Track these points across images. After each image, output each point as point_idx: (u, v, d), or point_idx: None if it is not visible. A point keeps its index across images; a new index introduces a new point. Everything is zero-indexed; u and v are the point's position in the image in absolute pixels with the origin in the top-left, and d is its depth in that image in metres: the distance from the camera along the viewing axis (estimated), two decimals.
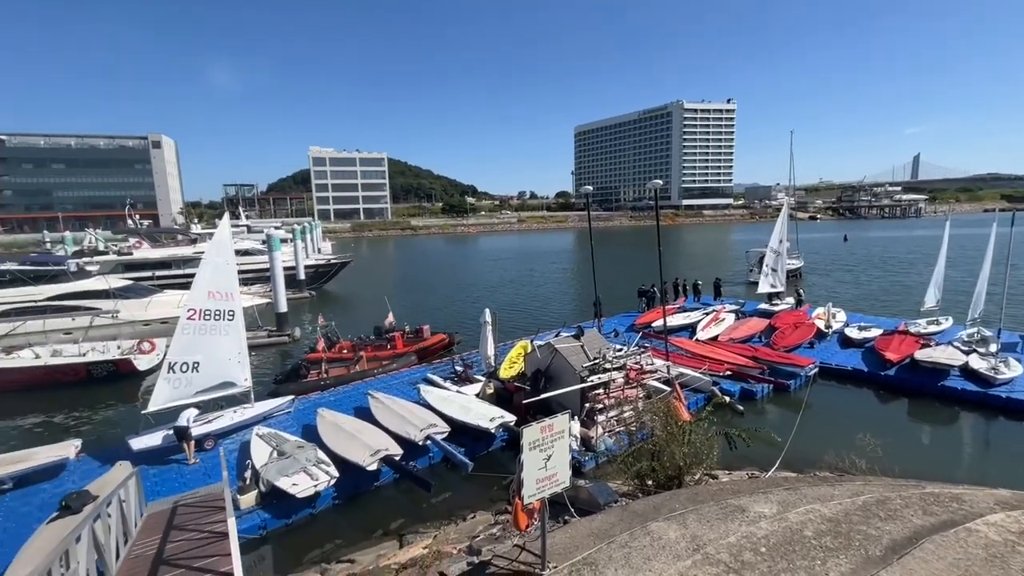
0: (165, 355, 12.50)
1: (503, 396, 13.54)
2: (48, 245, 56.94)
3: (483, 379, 14.58)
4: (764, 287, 22.59)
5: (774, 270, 22.66)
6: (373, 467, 9.77)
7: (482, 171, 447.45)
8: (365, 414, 12.47)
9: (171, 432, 10.88)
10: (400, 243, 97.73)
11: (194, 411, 10.89)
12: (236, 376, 12.92)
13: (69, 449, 10.86)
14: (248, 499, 9.22)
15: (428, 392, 13.45)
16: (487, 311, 15.33)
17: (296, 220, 79.38)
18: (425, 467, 10.74)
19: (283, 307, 22.44)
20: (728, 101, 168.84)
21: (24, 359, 16.93)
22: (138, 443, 10.99)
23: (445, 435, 11.07)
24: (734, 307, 22.61)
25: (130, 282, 23.99)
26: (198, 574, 5.79)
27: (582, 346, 12.41)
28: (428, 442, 10.88)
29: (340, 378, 15.95)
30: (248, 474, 9.62)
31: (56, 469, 10.57)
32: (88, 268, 27.86)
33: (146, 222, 65.80)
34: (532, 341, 16.00)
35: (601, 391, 11.63)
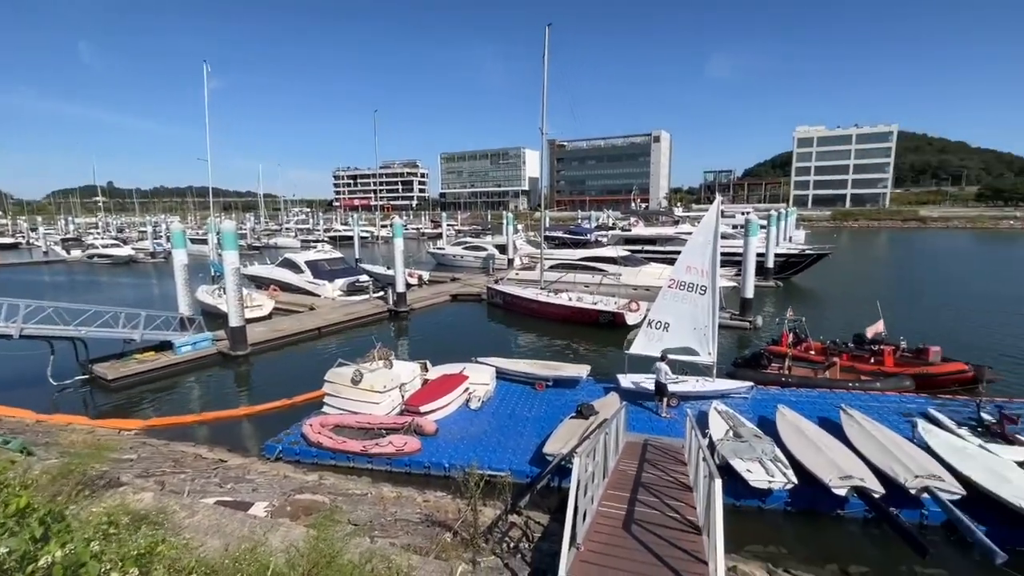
0: (646, 314, 14.94)
1: None
2: (580, 220, 78.02)
3: None
4: None
5: None
6: (841, 492, 8.46)
7: None
8: (833, 429, 10.92)
9: (650, 381, 12.96)
10: (897, 237, 77.93)
11: (665, 366, 12.51)
12: (699, 346, 14.00)
13: (583, 370, 14.72)
14: None
15: (930, 432, 10.34)
16: None
17: (768, 206, 76.56)
18: (913, 522, 8.42)
19: (749, 293, 22.29)
20: None
21: (562, 300, 24.02)
22: (624, 380, 13.76)
23: (955, 498, 8.25)
24: None
25: (628, 253, 29.76)
26: (668, 509, 6.67)
27: None
28: (924, 495, 8.42)
29: (805, 380, 14.52)
30: (705, 443, 10.26)
31: (574, 382, 14.59)
32: (601, 239, 36.45)
33: (644, 205, 79.23)
34: None
35: None
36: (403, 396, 12.84)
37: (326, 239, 61.52)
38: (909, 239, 74.54)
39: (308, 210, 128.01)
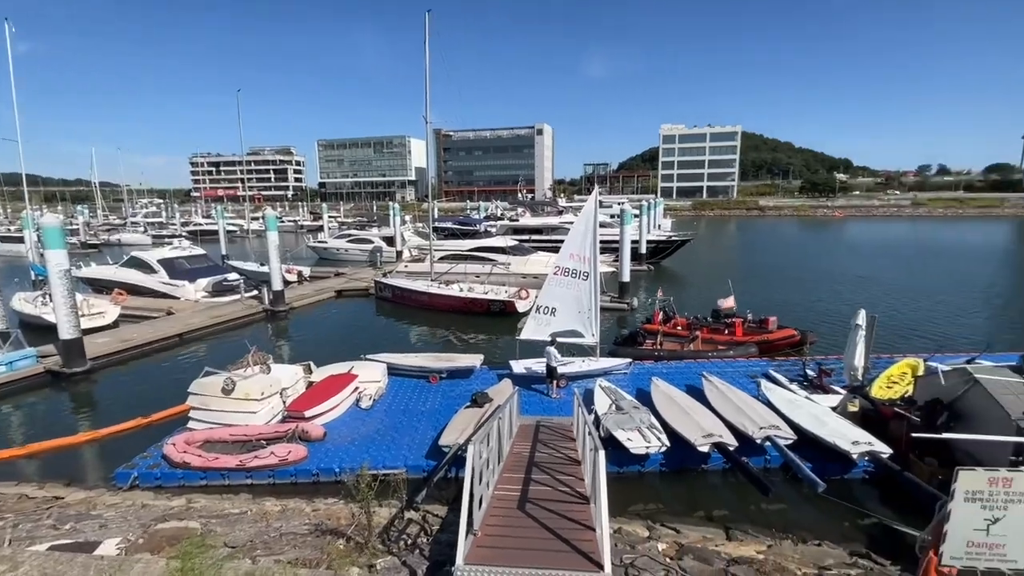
0: (535, 301, 15.53)
1: (871, 418, 10.97)
2: (468, 211, 78.17)
3: (843, 392, 12.17)
4: None
5: None
6: (704, 449, 9.60)
7: (862, 141, 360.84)
8: (697, 394, 12.31)
9: (541, 364, 13.49)
10: (743, 224, 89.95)
11: (554, 350, 13.14)
12: (584, 329, 14.89)
13: (476, 360, 14.87)
14: None
15: (770, 390, 12.16)
16: (862, 313, 12.57)
17: (640, 197, 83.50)
18: (759, 467, 9.85)
19: (626, 277, 24.23)
20: None
21: (453, 291, 23.99)
22: (516, 366, 14.18)
23: (789, 443, 9.82)
24: None
25: (517, 243, 30.55)
26: (559, 484, 7.03)
27: None
28: (767, 443, 9.90)
29: (674, 353, 16.19)
30: (591, 418, 10.99)
31: (468, 372, 14.68)
32: (490, 230, 36.95)
33: (530, 196, 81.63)
34: (926, 361, 12.44)
35: None
36: (284, 402, 11.91)
37: (184, 234, 54.43)
38: (753, 226, 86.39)
39: (161, 201, 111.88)
